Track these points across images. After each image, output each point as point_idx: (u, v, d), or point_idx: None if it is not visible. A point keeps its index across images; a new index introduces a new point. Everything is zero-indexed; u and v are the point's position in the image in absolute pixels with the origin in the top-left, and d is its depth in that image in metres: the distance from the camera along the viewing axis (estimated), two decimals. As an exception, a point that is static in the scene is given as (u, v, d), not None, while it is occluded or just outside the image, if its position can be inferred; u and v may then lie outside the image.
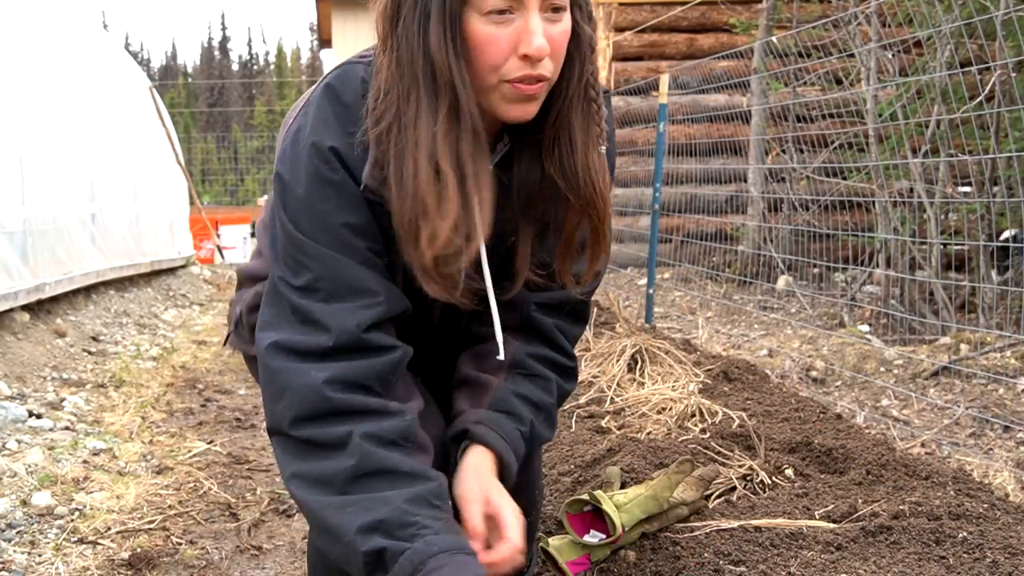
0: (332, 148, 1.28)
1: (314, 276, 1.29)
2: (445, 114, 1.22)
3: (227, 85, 50.19)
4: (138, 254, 7.40)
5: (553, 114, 1.32)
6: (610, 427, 2.89)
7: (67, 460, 3.09)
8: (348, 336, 1.26)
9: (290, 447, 1.27)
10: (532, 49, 1.21)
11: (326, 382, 1.24)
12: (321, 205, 1.29)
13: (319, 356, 1.26)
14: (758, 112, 7.16)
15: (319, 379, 1.24)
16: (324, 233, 1.29)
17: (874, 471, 2.32)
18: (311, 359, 1.26)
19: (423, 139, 1.23)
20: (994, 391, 3.84)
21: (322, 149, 1.28)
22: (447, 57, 1.21)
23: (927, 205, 5.15)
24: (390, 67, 1.26)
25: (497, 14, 1.21)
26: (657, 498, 1.97)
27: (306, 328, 1.28)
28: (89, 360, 4.84)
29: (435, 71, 1.22)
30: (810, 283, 6.84)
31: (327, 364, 1.25)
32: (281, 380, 1.26)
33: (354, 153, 1.29)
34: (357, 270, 1.30)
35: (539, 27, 1.22)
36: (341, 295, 1.29)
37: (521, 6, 1.22)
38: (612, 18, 9.13)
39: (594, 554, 1.92)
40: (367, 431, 1.23)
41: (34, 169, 5.13)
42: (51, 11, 6.59)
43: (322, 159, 1.28)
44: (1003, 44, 4.40)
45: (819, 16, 6.69)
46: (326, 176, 1.28)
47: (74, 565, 2.31)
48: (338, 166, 1.28)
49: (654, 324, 5.19)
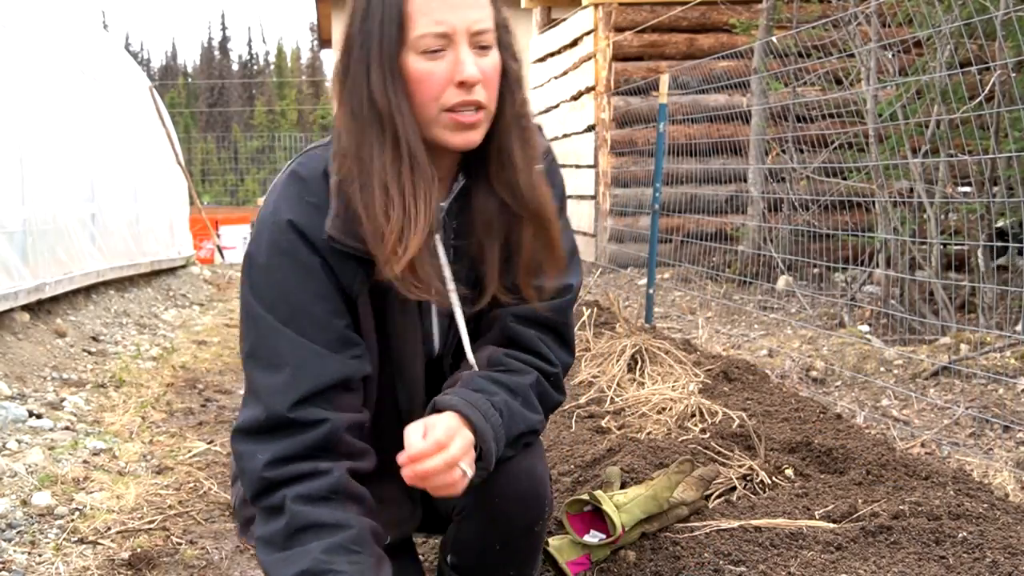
0: (289, 221, 1.43)
1: (255, 344, 1.46)
2: (390, 147, 1.41)
3: (227, 85, 50.19)
4: (138, 254, 7.39)
5: (495, 144, 1.50)
6: (610, 427, 2.89)
7: (67, 460, 3.09)
8: (277, 417, 1.43)
9: (256, 517, 1.47)
10: (465, 75, 1.39)
11: (265, 465, 1.42)
12: (277, 273, 1.44)
13: (258, 433, 1.44)
14: (758, 112, 7.16)
15: (260, 463, 1.42)
16: (278, 302, 1.44)
17: (874, 471, 2.32)
18: (254, 438, 1.45)
19: (376, 170, 1.41)
20: (994, 391, 3.84)
21: (280, 223, 1.44)
22: (386, 94, 1.40)
23: (927, 205, 5.15)
24: (345, 118, 1.44)
25: (431, 52, 1.40)
26: (657, 498, 1.97)
27: (249, 400, 1.48)
28: (89, 360, 4.84)
29: (379, 111, 1.41)
30: (810, 283, 6.84)
31: (266, 445, 1.43)
32: (239, 464, 1.47)
33: (312, 223, 1.43)
34: (296, 342, 1.43)
35: (470, 58, 1.40)
36: (277, 366, 1.44)
37: (452, 44, 1.40)
38: (612, 18, 9.13)
39: (594, 554, 1.92)
40: (297, 493, 1.40)
41: (34, 169, 5.13)
42: (51, 11, 6.59)
43: (279, 231, 1.44)
44: (1003, 44, 4.40)
45: (819, 16, 6.69)
46: (283, 246, 1.44)
47: (74, 565, 2.31)
48: (294, 236, 1.43)
49: (654, 324, 5.19)
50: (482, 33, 1.42)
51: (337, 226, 1.42)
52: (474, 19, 1.41)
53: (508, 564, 1.63)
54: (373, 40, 1.40)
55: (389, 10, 1.39)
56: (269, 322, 1.44)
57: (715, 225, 7.70)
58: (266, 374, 1.44)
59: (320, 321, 1.44)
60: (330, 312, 1.45)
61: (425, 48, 1.39)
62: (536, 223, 1.52)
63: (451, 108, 1.41)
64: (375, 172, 1.41)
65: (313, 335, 1.44)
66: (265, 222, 1.46)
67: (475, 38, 1.42)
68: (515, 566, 1.64)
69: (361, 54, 1.42)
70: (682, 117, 7.83)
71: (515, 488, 1.55)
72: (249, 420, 1.45)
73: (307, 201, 1.44)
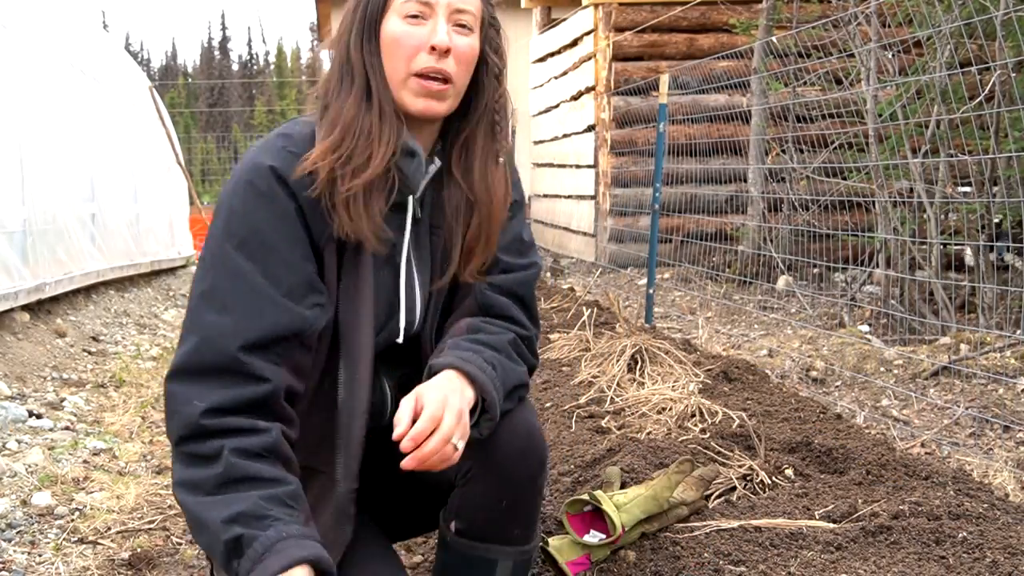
0: (270, 166, 1.47)
1: (214, 283, 1.45)
2: (356, 95, 1.51)
3: (227, 85, 50.18)
4: (138, 254, 7.39)
5: (465, 131, 1.60)
6: (610, 427, 2.89)
7: (67, 460, 3.09)
8: (223, 359, 1.42)
9: (176, 458, 1.45)
10: (438, 40, 1.48)
11: (203, 413, 1.40)
12: (253, 214, 1.46)
13: (199, 375, 1.43)
14: (758, 112, 7.16)
15: (199, 409, 1.41)
16: (250, 240, 1.45)
17: (874, 471, 2.32)
18: (192, 380, 1.43)
19: (332, 112, 1.51)
20: (994, 391, 3.84)
21: (260, 166, 1.47)
22: (361, 53, 1.51)
23: (927, 205, 5.15)
24: (328, 72, 1.56)
25: (411, 17, 1.49)
26: (657, 498, 1.97)
27: (191, 338, 1.44)
28: (89, 360, 4.84)
29: (352, 64, 1.52)
30: (810, 283, 6.84)
31: (205, 390, 1.42)
32: (171, 404, 1.44)
33: (291, 169, 1.47)
34: (258, 285, 1.44)
35: (445, 28, 1.49)
36: (231, 307, 1.44)
37: (432, 13, 1.50)
38: (612, 18, 9.13)
39: (594, 554, 1.92)
40: (235, 446, 1.40)
41: (34, 169, 5.13)
42: (51, 11, 6.59)
43: (259, 174, 1.47)
44: (1003, 44, 4.40)
45: (819, 16, 6.69)
46: (261, 189, 1.46)
47: (74, 565, 2.32)
48: (272, 180, 1.46)
49: (654, 324, 5.19)
50: (463, 12, 1.51)
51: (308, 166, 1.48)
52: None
53: (514, 522, 1.65)
54: (361, 4, 1.52)
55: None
56: (237, 262, 1.44)
57: (715, 225, 7.69)
58: (219, 314, 1.43)
59: (290, 262, 1.47)
60: (301, 256, 1.48)
61: (407, 12, 1.49)
62: (481, 212, 1.60)
63: (420, 73, 1.49)
64: (331, 114, 1.51)
65: (281, 276, 1.46)
66: (245, 166, 1.49)
67: (455, 15, 1.51)
68: (519, 524, 1.66)
69: (352, 18, 1.53)
70: (682, 117, 7.83)
71: (517, 444, 1.59)
72: (190, 360, 1.43)
73: (289, 151, 1.49)
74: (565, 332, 4.38)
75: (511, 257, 1.70)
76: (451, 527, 1.66)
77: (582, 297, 5.85)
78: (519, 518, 1.66)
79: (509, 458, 1.58)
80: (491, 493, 1.61)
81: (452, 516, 1.66)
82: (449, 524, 1.66)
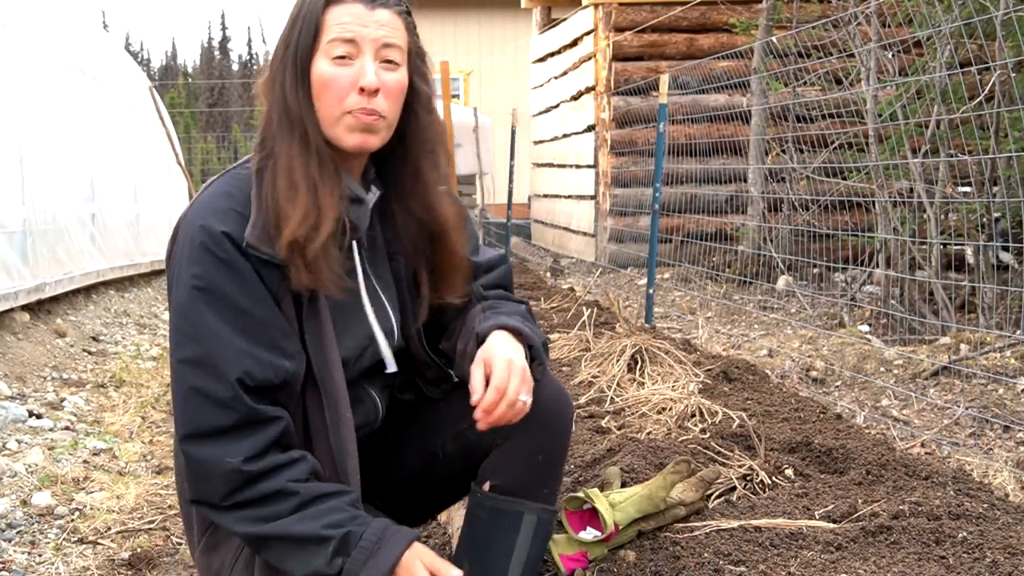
0: (223, 232, 1.51)
1: (201, 351, 1.49)
2: (297, 142, 1.54)
3: (227, 85, 50.13)
4: (138, 254, 7.39)
5: (410, 163, 1.66)
6: (610, 427, 2.89)
7: (67, 460, 3.09)
8: (243, 415, 1.49)
9: (229, 513, 1.51)
10: (366, 82, 1.53)
11: (245, 460, 1.48)
12: (219, 280, 1.51)
13: (220, 435, 1.49)
14: (758, 112, 7.15)
15: (238, 460, 1.48)
16: (223, 307, 1.50)
17: (874, 471, 2.31)
18: (215, 441, 1.49)
19: (282, 162, 1.54)
20: (994, 391, 3.84)
21: (215, 234, 1.51)
22: (296, 97, 1.55)
23: (927, 205, 5.15)
24: (264, 116, 1.60)
25: (339, 59, 1.54)
26: (652, 498, 1.97)
27: (193, 406, 1.50)
28: (89, 360, 4.84)
29: (289, 110, 1.55)
30: (810, 283, 6.84)
31: (234, 444, 1.49)
32: (200, 469, 1.50)
33: (241, 233, 1.51)
34: (241, 346, 1.50)
35: (372, 67, 1.54)
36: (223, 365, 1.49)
37: (359, 52, 1.54)
38: (612, 18, 9.13)
39: (591, 552, 1.93)
40: (292, 477, 1.50)
41: (34, 169, 5.13)
42: (51, 11, 6.59)
43: (216, 242, 1.51)
44: (1003, 44, 4.40)
45: (819, 16, 6.68)
46: (221, 257, 1.51)
47: (74, 565, 2.32)
48: (230, 247, 1.51)
49: (654, 324, 5.19)
50: (389, 47, 1.56)
51: (255, 235, 1.52)
52: (383, 35, 1.55)
53: (545, 478, 1.75)
54: (291, 47, 1.56)
55: (308, 19, 1.55)
56: (214, 326, 1.50)
57: (715, 225, 7.69)
58: (210, 375, 1.49)
59: (262, 320, 1.52)
60: (269, 312, 1.54)
61: (334, 54, 1.54)
62: (439, 240, 1.70)
63: (351, 112, 1.54)
64: (281, 163, 1.54)
65: (258, 335, 1.51)
66: (195, 231, 1.52)
67: (382, 51, 1.55)
68: (549, 481, 1.76)
69: (282, 60, 1.57)
70: (682, 117, 7.83)
71: (552, 402, 1.71)
72: (200, 422, 1.49)
73: (236, 211, 1.54)
74: (565, 332, 4.38)
75: (481, 257, 1.83)
76: (484, 487, 1.75)
77: (582, 297, 5.85)
78: (549, 474, 1.76)
79: (545, 414, 1.68)
80: (529, 448, 1.71)
81: (487, 476, 1.75)
82: (482, 485, 1.75)
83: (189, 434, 1.50)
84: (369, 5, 1.55)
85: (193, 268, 1.51)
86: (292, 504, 1.49)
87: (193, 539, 1.71)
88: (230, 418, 1.49)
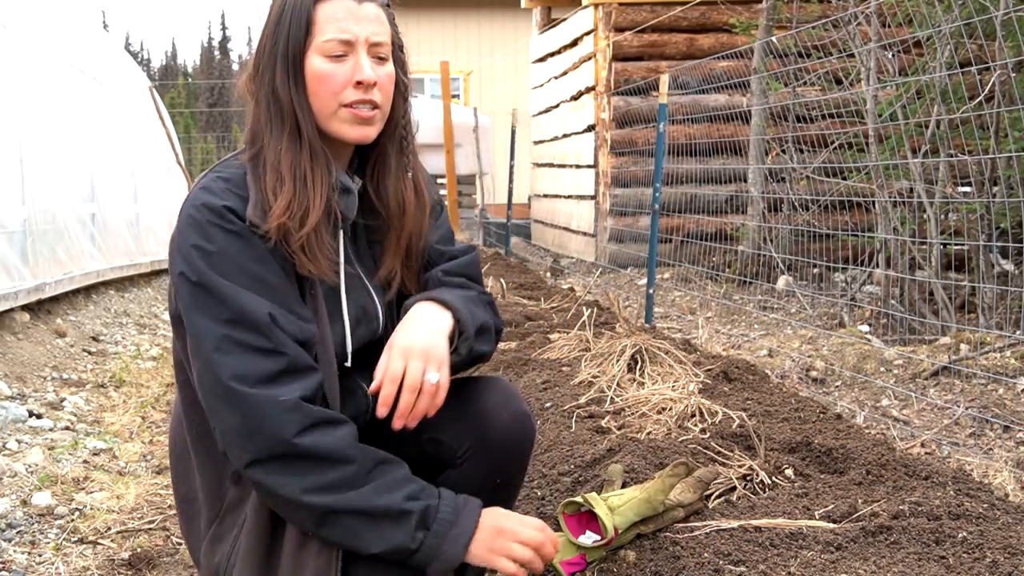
0: (226, 206, 1.54)
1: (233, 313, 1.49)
2: (287, 135, 1.58)
3: (227, 85, 50.13)
4: (138, 254, 7.39)
5: (376, 147, 1.69)
6: (610, 427, 2.89)
7: (67, 460, 3.09)
8: (293, 359, 1.50)
9: (286, 466, 1.47)
10: (364, 76, 1.58)
11: (301, 400, 1.48)
12: (233, 252, 1.53)
13: (272, 378, 1.49)
14: (758, 112, 7.15)
15: (294, 399, 1.47)
16: (241, 276, 1.52)
17: (874, 471, 2.31)
18: (269, 383, 1.48)
19: (271, 155, 1.58)
20: (994, 391, 3.84)
21: (218, 209, 1.53)
22: (289, 92, 1.58)
23: (927, 205, 5.15)
24: (254, 110, 1.63)
25: (334, 56, 1.58)
26: (651, 501, 1.97)
27: (237, 351, 1.49)
28: (89, 360, 4.84)
29: (281, 104, 1.59)
30: (810, 283, 6.84)
31: (284, 388, 1.48)
32: (260, 411, 1.47)
33: (243, 209, 1.55)
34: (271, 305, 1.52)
35: (367, 63, 1.59)
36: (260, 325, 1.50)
37: (353, 51, 1.59)
38: (612, 18, 9.13)
39: (590, 554, 1.93)
40: (347, 435, 1.52)
41: (34, 169, 5.12)
42: (51, 11, 6.59)
43: (221, 216, 1.53)
44: (1003, 44, 4.40)
45: (819, 16, 6.68)
46: (229, 228, 1.53)
47: (74, 565, 2.32)
48: (235, 218, 1.54)
49: (654, 324, 5.19)
50: (380, 45, 1.62)
51: (257, 215, 1.55)
52: (374, 31, 1.60)
53: (503, 498, 1.78)
54: (280, 42, 1.59)
55: (298, 16, 1.58)
56: (239, 292, 1.50)
57: (715, 225, 7.69)
58: (250, 330, 1.49)
59: (281, 288, 1.55)
60: (283, 279, 1.57)
61: (329, 52, 1.58)
62: (395, 224, 1.72)
63: (349, 104, 1.59)
64: (270, 157, 1.58)
65: (276, 298, 1.53)
66: (201, 211, 1.53)
67: (373, 48, 1.61)
68: (506, 501, 1.80)
69: (271, 55, 1.60)
70: (682, 117, 7.83)
71: (512, 430, 1.74)
72: (251, 370, 1.47)
73: (235, 192, 1.57)
74: (565, 332, 4.38)
75: (450, 247, 1.86)
76: None
77: (582, 297, 5.85)
78: (506, 495, 1.81)
79: (505, 441, 1.73)
80: (486, 471, 1.74)
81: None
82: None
83: (236, 376, 1.47)
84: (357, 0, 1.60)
85: (200, 242, 1.52)
86: (356, 469, 1.48)
87: (197, 535, 1.70)
88: (276, 364, 1.48)
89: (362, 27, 1.59)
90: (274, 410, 1.46)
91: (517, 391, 1.82)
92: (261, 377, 1.47)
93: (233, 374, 1.47)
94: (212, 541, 1.66)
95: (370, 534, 1.48)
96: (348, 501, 1.47)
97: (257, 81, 1.62)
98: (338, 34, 1.57)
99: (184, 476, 1.74)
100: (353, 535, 1.49)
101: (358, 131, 1.62)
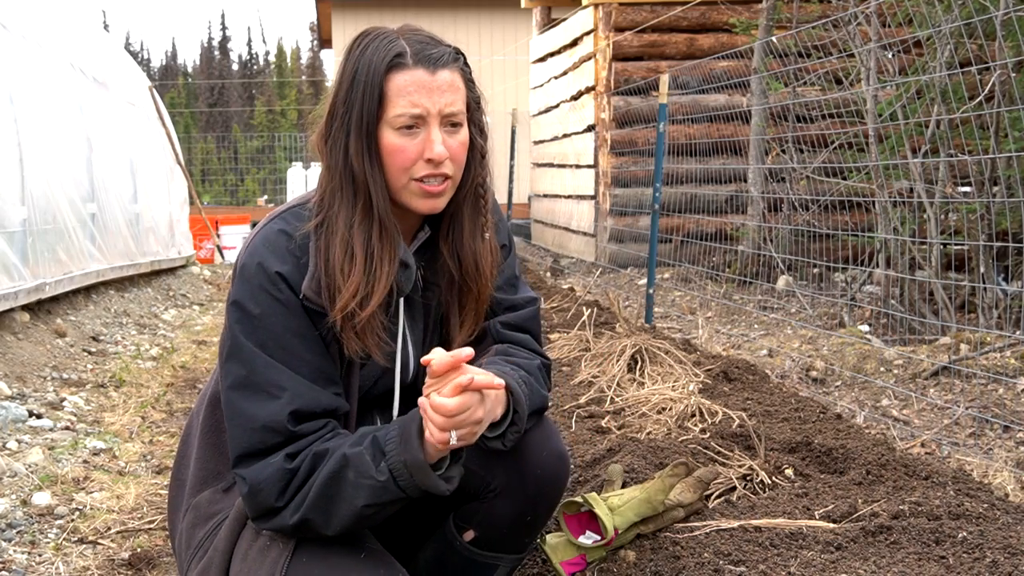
0: (278, 273, 1.57)
1: (248, 376, 1.55)
2: (360, 209, 1.57)
3: (227, 85, 50.12)
4: (138, 254, 7.39)
5: (450, 208, 1.67)
6: (610, 427, 2.89)
7: (67, 460, 3.09)
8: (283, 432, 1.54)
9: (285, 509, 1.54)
10: (434, 154, 1.55)
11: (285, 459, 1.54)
12: (271, 319, 1.56)
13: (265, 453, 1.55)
14: (758, 112, 7.15)
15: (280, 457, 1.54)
16: (270, 343, 1.56)
17: (874, 471, 2.31)
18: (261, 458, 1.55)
19: (341, 229, 1.57)
20: (994, 391, 3.84)
21: (270, 273, 1.57)
22: (363, 164, 1.56)
23: (927, 205, 5.15)
24: (325, 176, 1.61)
25: (406, 129, 1.56)
26: (651, 501, 1.97)
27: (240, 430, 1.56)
28: (89, 360, 4.84)
29: (354, 175, 1.57)
30: (810, 283, 6.84)
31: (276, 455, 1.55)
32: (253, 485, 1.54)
33: (296, 276, 1.58)
34: (290, 375, 1.56)
35: (439, 138, 1.56)
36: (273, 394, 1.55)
37: (425, 123, 1.56)
38: (612, 18, 9.13)
39: (590, 554, 1.93)
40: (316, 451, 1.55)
41: (34, 169, 5.12)
42: (51, 11, 6.59)
43: (270, 281, 1.57)
44: (1003, 44, 4.40)
45: (819, 16, 6.68)
46: (274, 295, 1.56)
47: (74, 565, 2.32)
48: (284, 287, 1.56)
49: (654, 324, 5.19)
50: (453, 115, 1.59)
51: (313, 288, 1.57)
52: (447, 102, 1.57)
53: (529, 535, 1.81)
54: (354, 111, 1.56)
55: (371, 87, 1.55)
56: (263, 358, 1.55)
57: (715, 225, 7.69)
58: (261, 402, 1.54)
59: (310, 361, 1.58)
60: (318, 354, 1.59)
61: (401, 125, 1.55)
62: (470, 287, 1.70)
63: (419, 179, 1.58)
64: (340, 230, 1.57)
65: (304, 371, 1.57)
66: (254, 271, 1.57)
67: (447, 119, 1.58)
68: (532, 536, 1.83)
69: (343, 122, 1.57)
70: (682, 117, 7.83)
71: (550, 469, 1.73)
72: (254, 446, 1.55)
73: (294, 255, 1.58)
74: (565, 332, 4.38)
75: (512, 295, 1.81)
76: (465, 535, 1.77)
77: (582, 297, 5.85)
78: (534, 531, 1.82)
79: (543, 478, 1.73)
80: (520, 509, 1.74)
81: (470, 525, 1.77)
82: (463, 532, 1.77)
83: (239, 453, 1.56)
84: (431, 68, 1.56)
85: (247, 303, 1.57)
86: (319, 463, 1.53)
87: (183, 560, 1.74)
88: (274, 439, 1.54)
89: (434, 100, 1.55)
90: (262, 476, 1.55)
91: (556, 428, 1.81)
92: (259, 451, 1.55)
93: (239, 451, 1.57)
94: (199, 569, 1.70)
95: (350, 490, 1.51)
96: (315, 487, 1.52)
97: (329, 145, 1.60)
98: (409, 108, 1.55)
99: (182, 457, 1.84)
100: (341, 500, 1.52)
101: (428, 204, 1.60)
